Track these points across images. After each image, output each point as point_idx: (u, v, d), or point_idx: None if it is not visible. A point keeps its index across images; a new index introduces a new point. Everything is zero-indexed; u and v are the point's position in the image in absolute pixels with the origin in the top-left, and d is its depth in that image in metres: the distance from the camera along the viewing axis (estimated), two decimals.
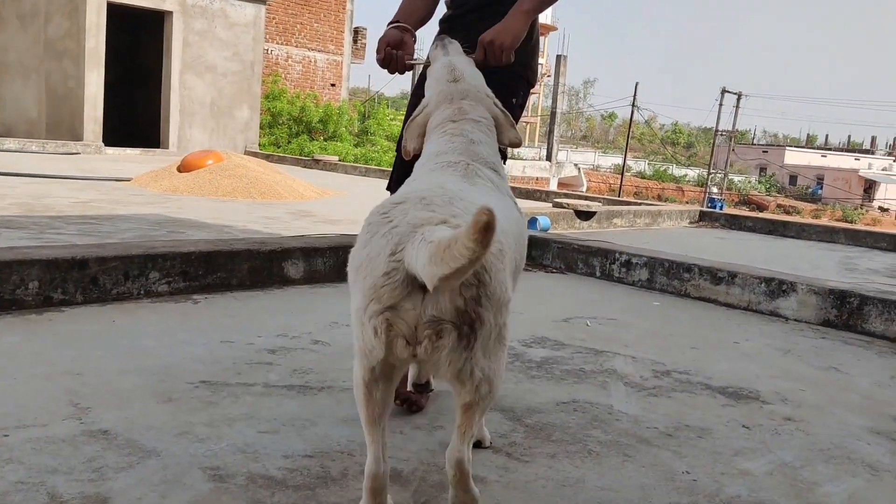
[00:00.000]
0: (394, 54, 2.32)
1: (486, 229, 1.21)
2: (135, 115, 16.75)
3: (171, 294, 3.36)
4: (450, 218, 1.47)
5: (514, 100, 2.46)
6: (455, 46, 2.24)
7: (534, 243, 5.05)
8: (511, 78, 2.45)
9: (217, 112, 15.37)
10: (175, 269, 3.37)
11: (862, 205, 52.03)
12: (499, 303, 1.50)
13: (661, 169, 58.67)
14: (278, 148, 18.87)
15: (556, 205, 8.02)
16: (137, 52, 16.86)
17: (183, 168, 8.49)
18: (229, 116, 15.60)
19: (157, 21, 14.87)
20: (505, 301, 1.53)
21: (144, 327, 2.86)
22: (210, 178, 8.13)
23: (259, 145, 16.79)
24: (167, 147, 14.68)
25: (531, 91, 2.67)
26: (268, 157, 13.94)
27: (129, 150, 13.90)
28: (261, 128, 17.47)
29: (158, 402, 2.13)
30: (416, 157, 2.07)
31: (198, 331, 2.86)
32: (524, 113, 2.69)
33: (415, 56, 2.37)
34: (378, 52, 2.35)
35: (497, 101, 2.14)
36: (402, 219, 1.50)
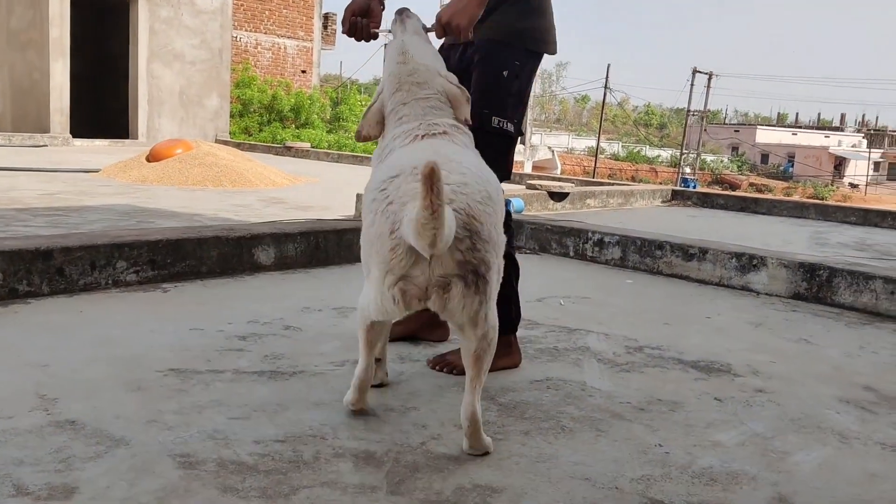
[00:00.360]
0: (359, 22, 2.28)
1: (428, 178, 1.43)
2: (102, 106, 16.50)
3: (140, 283, 3.31)
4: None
5: (504, 72, 2.38)
6: (413, 22, 2.21)
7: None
8: (496, 49, 2.39)
9: (186, 101, 15.19)
10: (143, 258, 3.33)
11: (832, 181, 52.65)
12: (495, 245, 1.75)
13: (635, 150, 58.90)
14: (249, 136, 18.70)
15: (530, 187, 8.03)
16: (103, 41, 16.58)
17: (152, 158, 8.38)
18: (199, 105, 15.42)
19: (122, 9, 14.64)
20: (500, 243, 1.78)
21: (112, 317, 2.82)
22: (179, 168, 8.03)
23: (230, 133, 16.62)
24: (136, 137, 14.49)
25: (542, 54, 2.48)
26: (238, 146, 13.81)
27: (97, 142, 13.70)
28: (231, 116, 17.31)
29: (127, 391, 2.10)
30: None
31: (167, 319, 2.82)
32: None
33: (381, 27, 2.33)
34: (343, 21, 2.31)
35: (453, 77, 2.13)
36: (396, 194, 1.71)
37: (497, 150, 2.37)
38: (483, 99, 2.37)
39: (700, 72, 39.12)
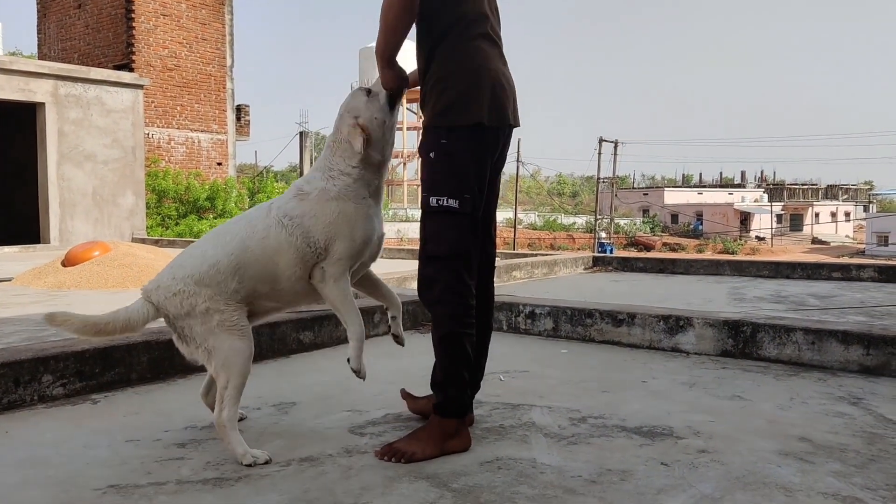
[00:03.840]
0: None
1: None
2: (11, 212, 16.02)
3: (68, 396, 3.19)
4: None
5: (430, 154, 2.49)
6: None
7: None
8: (424, 134, 2.55)
9: (100, 201, 14.88)
10: (69, 370, 3.21)
11: (740, 236, 54.89)
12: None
13: (551, 219, 60.36)
14: (167, 230, 18.39)
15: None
16: (9, 145, 16.22)
17: (68, 262, 8.14)
18: (113, 204, 15.12)
19: (28, 113, 14.38)
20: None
21: (42, 435, 2.70)
22: (98, 271, 7.82)
23: (147, 230, 16.32)
24: (48, 241, 14.06)
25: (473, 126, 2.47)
26: (156, 243, 13.55)
27: (6, 248, 13.23)
28: (147, 207, 17.00)
29: None
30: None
31: (100, 432, 2.71)
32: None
33: None
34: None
35: (354, 118, 2.55)
36: None
37: (442, 228, 2.48)
38: (422, 184, 2.55)
39: (606, 140, 40.69)
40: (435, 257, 2.50)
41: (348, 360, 2.55)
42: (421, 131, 2.63)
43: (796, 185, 76.83)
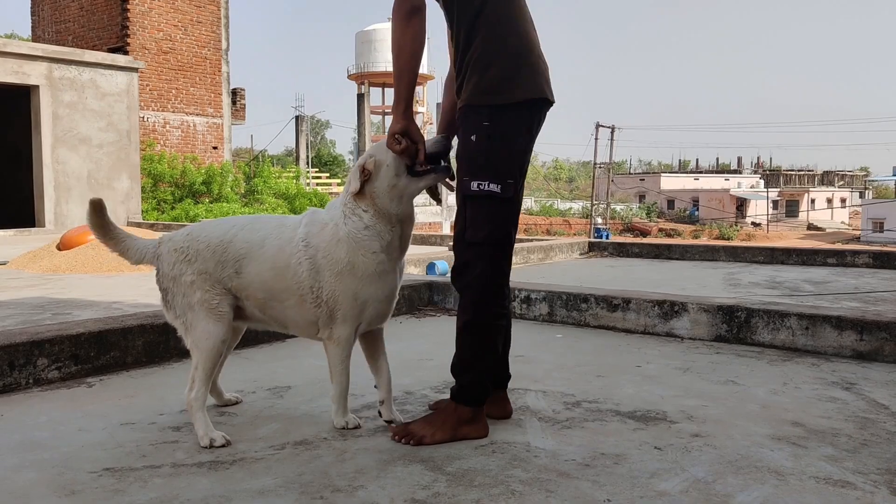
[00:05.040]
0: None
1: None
2: (6, 195, 15.96)
3: (63, 380, 3.19)
4: None
5: (472, 136, 2.43)
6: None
7: (435, 288, 5.09)
8: (463, 115, 2.48)
9: (95, 185, 14.84)
10: (64, 353, 3.21)
11: (736, 222, 54.96)
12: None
13: (547, 204, 60.35)
14: (162, 214, 18.35)
15: (452, 248, 8.11)
16: (4, 128, 16.15)
17: (63, 246, 8.13)
18: (108, 188, 15.08)
19: (22, 96, 14.31)
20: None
21: (37, 418, 2.70)
22: (93, 254, 7.81)
23: (142, 213, 16.28)
24: (43, 225, 14.04)
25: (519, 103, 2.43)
26: (152, 227, 13.53)
27: (1, 232, 13.20)
28: (143, 191, 16.95)
29: (60, 496, 2.01)
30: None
31: (95, 415, 2.72)
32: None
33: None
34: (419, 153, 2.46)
35: (370, 157, 2.47)
36: None
37: (481, 212, 2.43)
38: (462, 166, 2.46)
39: (603, 125, 40.60)
40: (474, 243, 2.45)
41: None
42: (460, 110, 2.50)
43: (792, 171, 76.90)
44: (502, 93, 2.40)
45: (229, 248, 2.48)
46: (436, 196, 2.62)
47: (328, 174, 43.55)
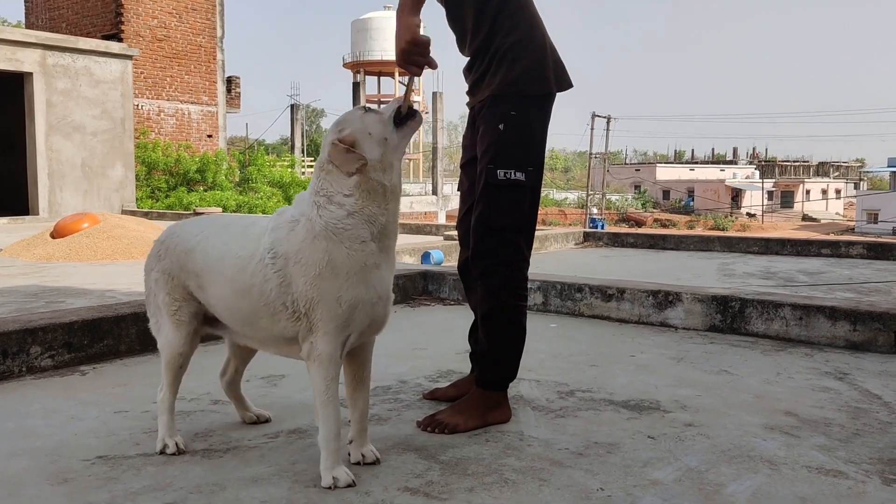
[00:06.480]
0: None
1: None
2: None
3: (56, 368, 3.18)
4: None
5: (500, 125, 2.44)
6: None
7: (430, 277, 5.09)
8: (491, 104, 2.48)
9: (89, 173, 14.78)
10: (58, 341, 3.20)
11: (731, 212, 55.03)
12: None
13: (542, 194, 60.28)
14: (156, 202, 18.29)
15: (448, 238, 8.11)
16: None
17: (57, 234, 8.09)
18: (102, 176, 15.03)
19: (16, 83, 14.22)
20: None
21: (30, 406, 2.69)
22: (87, 242, 7.78)
23: (136, 201, 16.23)
24: (37, 213, 13.98)
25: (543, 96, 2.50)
26: (146, 215, 13.49)
27: None
28: (137, 179, 16.89)
29: (53, 483, 2.01)
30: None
31: (88, 404, 2.71)
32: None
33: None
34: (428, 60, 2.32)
35: (338, 131, 2.05)
36: None
37: (507, 201, 2.46)
38: (486, 154, 2.46)
39: (599, 116, 40.55)
40: (498, 230, 2.48)
41: None
42: (487, 100, 2.50)
43: (788, 161, 76.92)
44: (531, 84, 2.47)
45: (190, 257, 2.19)
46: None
47: None
